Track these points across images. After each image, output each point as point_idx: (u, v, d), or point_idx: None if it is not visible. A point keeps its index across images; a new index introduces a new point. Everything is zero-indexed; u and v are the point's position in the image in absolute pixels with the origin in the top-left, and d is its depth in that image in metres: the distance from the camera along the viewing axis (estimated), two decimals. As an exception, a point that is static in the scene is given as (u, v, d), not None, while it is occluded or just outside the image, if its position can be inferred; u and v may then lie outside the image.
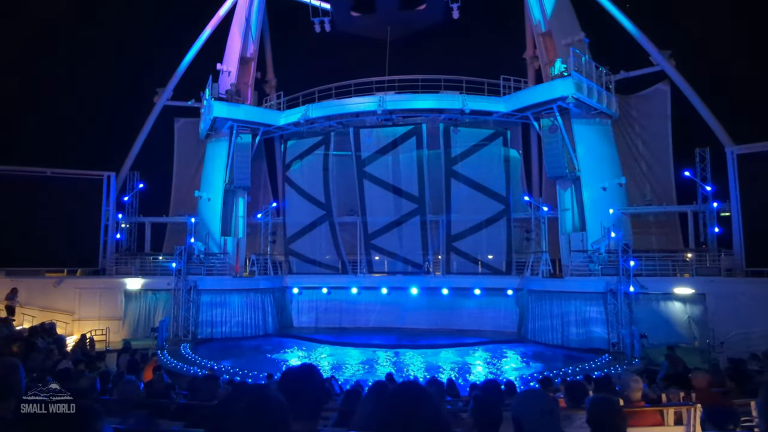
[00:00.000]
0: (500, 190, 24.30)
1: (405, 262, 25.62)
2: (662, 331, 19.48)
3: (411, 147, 24.84)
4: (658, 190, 23.66)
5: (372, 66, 25.52)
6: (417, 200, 24.79)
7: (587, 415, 3.02)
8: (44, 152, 25.49)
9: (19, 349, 13.47)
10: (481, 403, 3.05)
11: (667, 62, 22.45)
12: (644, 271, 20.50)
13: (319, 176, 26.20)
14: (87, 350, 17.80)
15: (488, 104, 23.23)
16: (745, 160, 20.10)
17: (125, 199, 26.72)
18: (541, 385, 9.55)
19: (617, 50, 24.34)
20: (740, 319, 17.62)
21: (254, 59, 27.75)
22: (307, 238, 26.67)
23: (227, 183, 25.18)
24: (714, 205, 21.52)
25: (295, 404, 2.29)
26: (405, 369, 18.63)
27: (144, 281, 23.82)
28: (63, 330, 21.11)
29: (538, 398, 3.00)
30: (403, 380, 3.17)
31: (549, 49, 24.51)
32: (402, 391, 2.03)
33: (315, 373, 2.46)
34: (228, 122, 24.54)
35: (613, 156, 22.85)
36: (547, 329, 21.57)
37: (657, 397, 7.64)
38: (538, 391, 3.94)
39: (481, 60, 26.28)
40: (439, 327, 24.54)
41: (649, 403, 6.13)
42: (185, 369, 16.83)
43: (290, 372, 2.48)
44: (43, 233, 22.91)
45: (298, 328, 26.01)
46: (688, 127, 23.04)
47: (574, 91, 20.50)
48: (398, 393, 2.02)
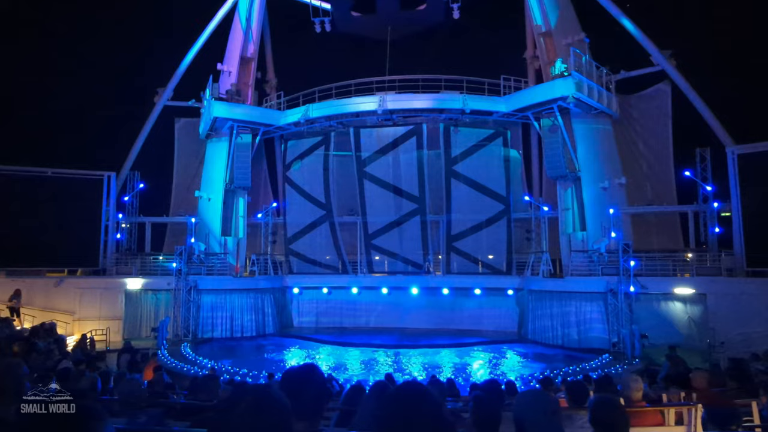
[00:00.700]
0: (500, 190, 24.29)
1: (405, 262, 25.63)
2: (663, 331, 19.49)
3: (411, 147, 24.83)
4: (658, 190, 23.64)
5: (372, 66, 25.54)
6: (417, 200, 24.79)
7: (590, 416, 3.00)
8: (45, 152, 25.51)
9: (20, 349, 13.47)
10: (481, 403, 3.04)
11: (668, 62, 22.42)
12: (645, 271, 20.50)
13: (319, 176, 26.20)
14: (87, 350, 17.79)
15: (489, 104, 23.22)
16: (745, 160, 20.07)
17: (125, 199, 26.72)
18: (541, 385, 9.54)
19: (618, 50, 24.32)
20: (741, 319, 17.62)
21: (254, 59, 27.74)
22: (308, 238, 26.67)
23: (227, 183, 25.17)
24: (714, 205, 21.51)
25: (297, 404, 2.28)
26: (405, 369, 18.62)
27: (144, 281, 23.83)
28: (63, 330, 21.12)
29: (539, 399, 3.00)
30: (404, 380, 3.16)
31: (549, 48, 24.50)
32: (404, 390, 2.01)
33: (316, 372, 2.46)
34: (228, 122, 24.54)
35: (613, 156, 22.84)
36: (547, 329, 21.56)
37: (658, 397, 7.62)
38: (540, 391, 3.94)
39: (481, 60, 26.28)
40: (440, 327, 24.54)
41: (649, 403, 6.12)
42: (186, 369, 16.83)
43: (291, 372, 2.47)
44: (44, 233, 22.88)
45: (299, 328, 26.01)
46: (689, 126, 23.02)
47: (575, 91, 20.48)
48: (400, 393, 2.00)
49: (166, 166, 28.61)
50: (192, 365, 17.39)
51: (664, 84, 23.30)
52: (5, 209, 22.92)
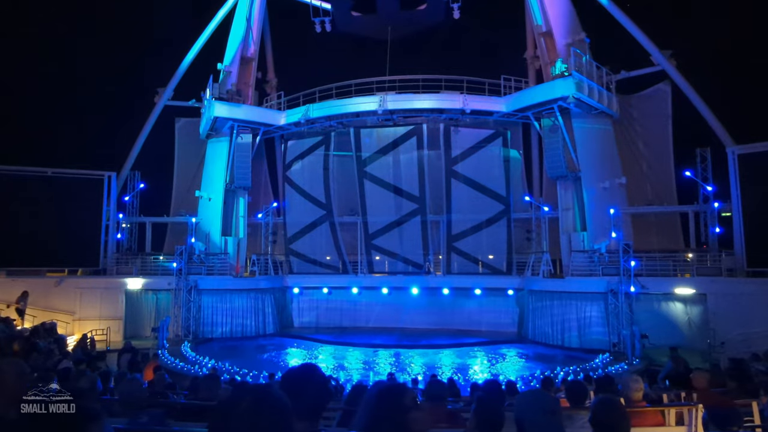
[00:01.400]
0: (500, 190, 24.27)
1: (405, 262, 25.62)
2: (663, 331, 19.46)
3: (411, 147, 24.83)
4: (658, 190, 23.63)
5: (373, 66, 25.53)
6: (417, 200, 24.78)
7: (591, 416, 3.00)
8: (45, 152, 25.53)
9: (20, 348, 13.45)
10: (484, 403, 3.04)
11: (668, 62, 22.40)
12: (645, 271, 20.47)
13: (319, 176, 26.19)
14: (88, 350, 17.78)
15: (489, 104, 23.21)
16: (746, 160, 20.05)
17: (126, 199, 26.73)
18: (542, 386, 9.54)
19: (618, 50, 24.33)
20: (741, 319, 17.60)
21: (255, 59, 27.73)
22: (308, 238, 26.67)
23: (228, 183, 25.17)
24: (715, 205, 21.49)
25: (297, 404, 2.28)
26: (406, 369, 18.62)
27: (145, 281, 23.84)
28: (63, 330, 21.12)
29: (539, 398, 2.99)
30: (380, 381, 3.18)
31: (550, 48, 24.47)
32: (381, 392, 2.05)
33: (316, 372, 2.46)
34: (228, 122, 24.54)
35: (613, 156, 22.82)
36: (547, 329, 21.54)
37: (658, 397, 7.62)
38: (540, 391, 3.93)
39: (481, 60, 26.31)
40: (440, 327, 24.51)
41: (650, 403, 6.11)
42: (186, 369, 16.82)
43: (291, 372, 2.47)
44: (44, 233, 22.91)
45: (299, 328, 26.01)
46: (689, 126, 23.02)
47: (575, 91, 20.47)
48: (378, 394, 2.03)
49: (167, 166, 28.63)
50: (192, 365, 17.38)
51: (664, 84, 23.29)
52: (5, 209, 22.92)
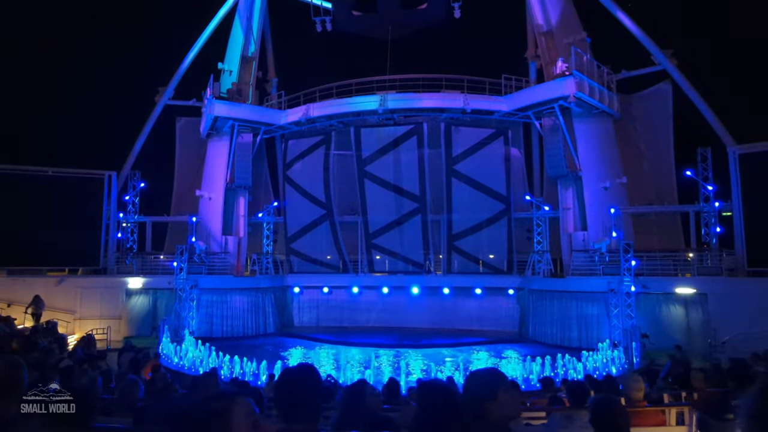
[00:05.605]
0: (501, 189, 24.24)
1: (406, 261, 25.60)
2: (663, 330, 19.45)
3: (412, 146, 24.79)
4: (659, 189, 23.60)
5: (373, 65, 25.52)
6: (418, 199, 24.76)
7: (590, 415, 3.00)
8: (45, 151, 25.55)
9: (20, 347, 13.44)
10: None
11: (669, 61, 22.38)
12: (646, 270, 20.46)
13: (319, 175, 26.16)
14: (88, 349, 17.78)
15: (490, 103, 23.21)
16: (747, 160, 20.03)
17: (126, 199, 26.74)
18: (542, 385, 9.55)
19: (619, 49, 24.31)
20: (742, 319, 17.56)
21: (255, 58, 27.70)
22: (308, 238, 26.65)
23: (228, 182, 25.17)
24: (716, 204, 21.48)
25: (294, 405, 2.28)
26: (406, 368, 18.58)
27: (145, 280, 23.84)
28: (64, 329, 21.12)
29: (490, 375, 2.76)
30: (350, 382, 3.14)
31: (551, 48, 24.43)
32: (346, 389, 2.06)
33: (313, 373, 2.45)
34: (229, 121, 24.54)
35: (614, 155, 22.79)
36: (548, 329, 21.54)
37: (659, 397, 7.62)
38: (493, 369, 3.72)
39: (482, 59, 26.25)
40: (440, 326, 24.50)
41: (651, 403, 6.11)
42: (186, 368, 16.79)
43: (289, 372, 2.47)
44: (45, 232, 22.89)
45: (299, 328, 26.01)
46: (690, 126, 22.99)
47: (576, 91, 20.46)
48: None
49: (167, 166, 28.64)
50: (192, 364, 17.34)
51: (665, 83, 23.26)
52: (6, 209, 22.91)
